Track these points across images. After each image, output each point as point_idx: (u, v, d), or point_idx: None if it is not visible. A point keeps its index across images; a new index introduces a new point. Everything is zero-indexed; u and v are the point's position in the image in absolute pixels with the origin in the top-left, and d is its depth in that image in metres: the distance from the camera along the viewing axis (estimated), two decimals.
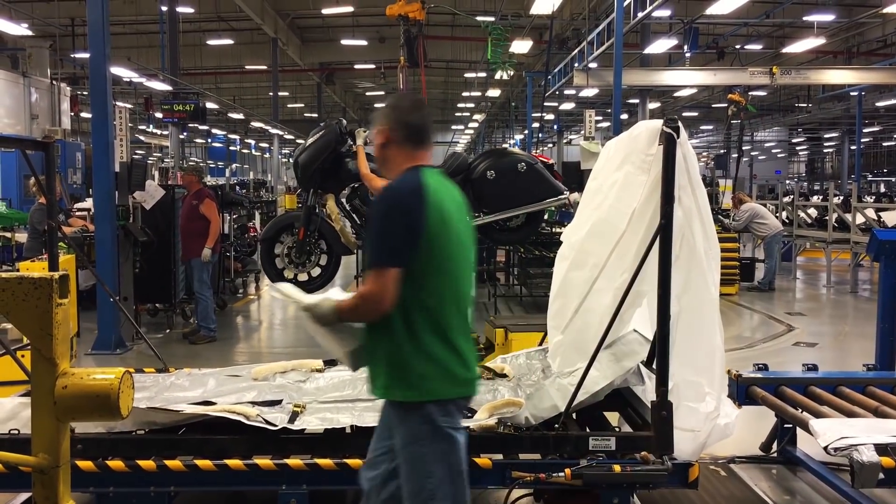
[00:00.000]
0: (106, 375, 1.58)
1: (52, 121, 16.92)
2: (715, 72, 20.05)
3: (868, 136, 44.80)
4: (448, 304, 2.71)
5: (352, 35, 26.77)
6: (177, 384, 4.46)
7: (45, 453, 1.55)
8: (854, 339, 9.39)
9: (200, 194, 8.86)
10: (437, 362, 2.67)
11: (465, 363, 2.75)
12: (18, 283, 1.52)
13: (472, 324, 2.93)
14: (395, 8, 8.34)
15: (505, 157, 6.73)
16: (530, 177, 6.50)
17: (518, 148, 27.52)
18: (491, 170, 6.39)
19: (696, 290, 3.64)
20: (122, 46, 23.71)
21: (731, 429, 3.80)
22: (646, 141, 3.71)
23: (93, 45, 8.44)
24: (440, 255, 2.67)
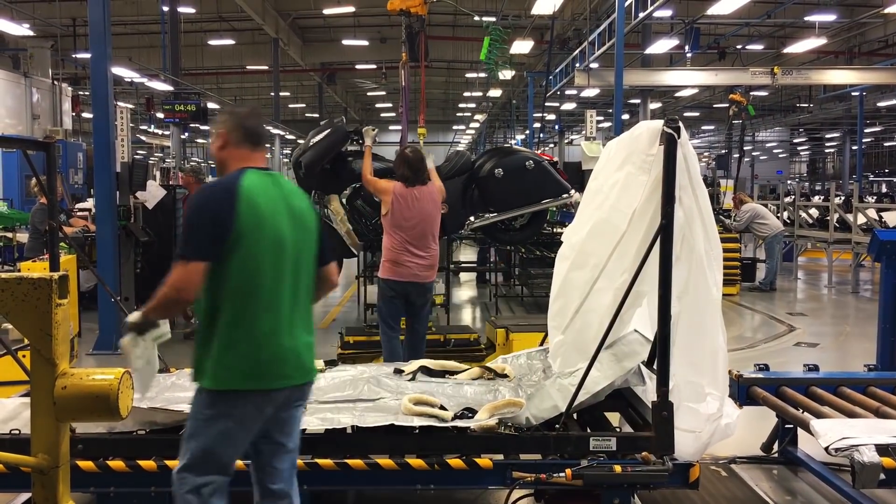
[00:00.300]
0: (105, 376, 1.58)
1: (53, 121, 16.92)
2: (716, 72, 20.04)
3: (869, 137, 44.74)
4: (255, 301, 2.77)
5: (353, 35, 26.77)
6: (178, 384, 4.46)
7: (44, 454, 1.55)
8: (855, 340, 9.38)
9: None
10: (236, 355, 2.76)
11: (272, 358, 2.83)
12: (18, 283, 1.52)
13: (304, 322, 3.02)
14: (397, 2, 8.18)
15: (512, 154, 6.63)
16: (538, 175, 6.46)
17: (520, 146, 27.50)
18: (499, 168, 6.31)
19: (697, 291, 3.64)
20: (124, 47, 23.74)
21: (732, 429, 3.79)
22: (647, 141, 3.71)
23: (94, 45, 8.44)
24: (249, 254, 2.73)
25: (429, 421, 3.64)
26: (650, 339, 3.96)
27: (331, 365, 4.79)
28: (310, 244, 2.96)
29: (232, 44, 27.31)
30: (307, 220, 2.97)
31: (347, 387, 4.33)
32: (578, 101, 28.87)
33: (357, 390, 4.24)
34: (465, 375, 4.53)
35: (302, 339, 2.96)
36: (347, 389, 4.29)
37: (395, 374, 4.55)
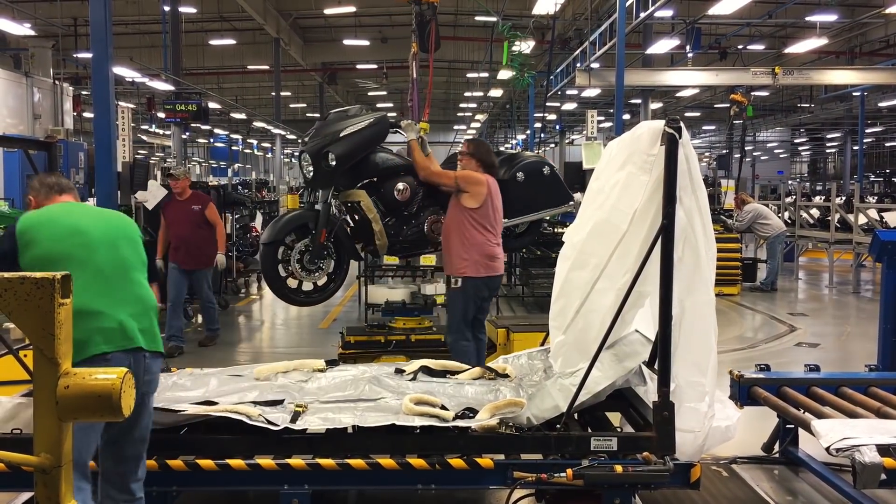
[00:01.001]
0: (108, 375, 1.58)
1: (54, 121, 16.92)
2: (717, 72, 20.03)
3: (870, 137, 44.72)
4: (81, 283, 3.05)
5: (354, 35, 26.80)
6: (179, 384, 4.46)
7: (47, 453, 1.56)
8: (856, 340, 9.39)
9: (201, 198, 8.54)
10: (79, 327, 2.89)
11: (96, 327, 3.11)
12: (21, 282, 1.53)
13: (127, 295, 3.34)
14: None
15: (528, 160, 6.55)
16: (552, 181, 6.40)
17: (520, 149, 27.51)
18: (521, 172, 6.22)
19: (699, 292, 3.65)
20: (125, 46, 23.77)
21: (733, 431, 3.80)
22: (648, 141, 3.71)
23: (95, 45, 8.45)
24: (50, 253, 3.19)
25: (430, 421, 3.65)
26: (651, 339, 3.96)
27: (332, 364, 4.80)
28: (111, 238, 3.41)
29: (233, 43, 27.33)
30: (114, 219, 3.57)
31: (349, 386, 4.33)
32: (579, 101, 28.88)
33: (358, 390, 4.24)
34: (466, 375, 4.54)
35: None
36: (349, 389, 4.29)
37: (396, 373, 4.55)
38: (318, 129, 5.44)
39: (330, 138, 5.30)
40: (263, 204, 19.48)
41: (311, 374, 4.60)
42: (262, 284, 13.95)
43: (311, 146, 5.33)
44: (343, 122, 5.41)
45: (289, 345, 9.52)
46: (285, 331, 10.50)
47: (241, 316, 11.44)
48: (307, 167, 5.39)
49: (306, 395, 4.20)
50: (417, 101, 7.45)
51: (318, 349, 8.44)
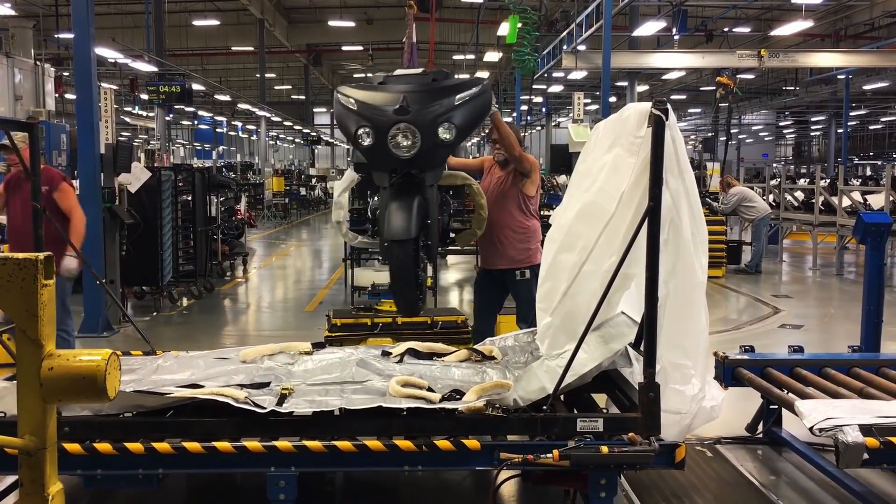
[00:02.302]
0: (92, 357, 1.57)
1: (36, 102, 16.73)
2: (703, 54, 20.07)
3: (855, 120, 45.01)
4: None
5: (339, 16, 26.62)
6: (164, 367, 4.45)
7: (31, 435, 1.55)
8: (839, 321, 9.47)
9: (52, 177, 5.98)
10: None
11: None
12: (3, 263, 1.51)
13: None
14: None
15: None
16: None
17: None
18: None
19: (684, 274, 3.65)
20: (107, 27, 23.50)
21: (718, 411, 3.82)
22: (635, 123, 3.70)
23: (77, 25, 8.35)
24: None
25: (417, 403, 3.65)
26: (637, 321, 3.97)
27: (318, 347, 4.79)
28: None
29: (217, 24, 27.10)
30: None
31: (335, 369, 4.33)
32: (566, 83, 28.83)
33: (345, 372, 4.24)
34: (452, 358, 4.54)
35: None
36: (335, 371, 4.28)
37: (382, 356, 4.55)
38: (410, 97, 4.32)
39: (446, 106, 4.33)
40: (248, 187, 19.40)
41: (297, 356, 4.60)
42: (248, 268, 13.90)
43: (421, 115, 4.28)
44: (448, 87, 4.48)
45: (275, 328, 9.50)
46: (271, 314, 10.48)
47: (227, 299, 11.40)
48: (406, 142, 4.29)
49: (293, 377, 4.20)
50: (415, 66, 6.40)
51: (304, 332, 8.42)
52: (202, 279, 11.12)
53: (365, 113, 4.32)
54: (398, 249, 4.38)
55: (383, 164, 4.46)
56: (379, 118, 4.29)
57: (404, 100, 4.27)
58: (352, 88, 4.52)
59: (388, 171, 4.47)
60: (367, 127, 4.29)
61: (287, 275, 14.34)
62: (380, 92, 4.43)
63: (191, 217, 10.83)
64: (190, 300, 10.54)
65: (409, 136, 4.25)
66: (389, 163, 4.40)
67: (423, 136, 4.25)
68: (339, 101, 4.49)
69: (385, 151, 4.29)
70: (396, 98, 4.31)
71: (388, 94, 4.39)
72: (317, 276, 14.23)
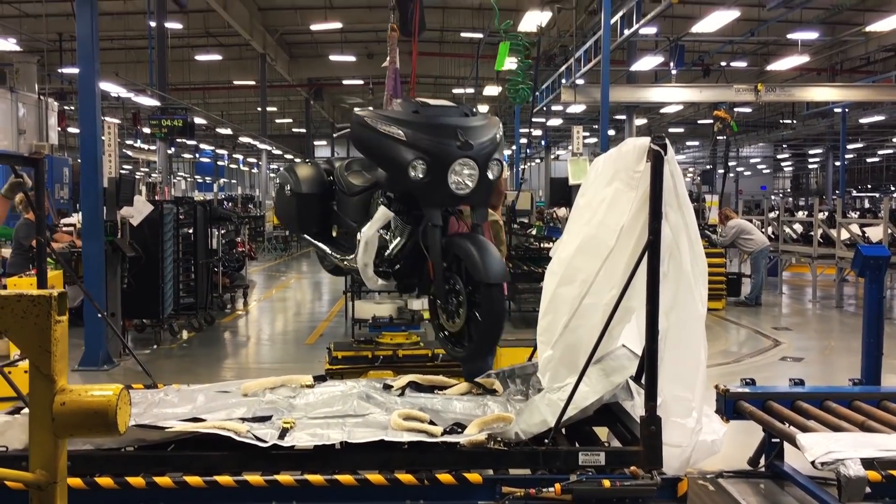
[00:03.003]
0: (104, 392, 1.59)
1: (39, 136, 16.84)
2: (701, 89, 20.28)
3: (852, 153, 45.25)
4: None
5: (340, 51, 26.89)
6: (165, 400, 4.45)
7: (42, 469, 1.56)
8: (840, 354, 9.46)
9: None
10: None
11: None
12: (17, 300, 1.54)
13: None
14: None
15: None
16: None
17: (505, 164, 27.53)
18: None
19: (684, 307, 3.68)
20: (111, 62, 23.75)
21: (719, 445, 3.82)
22: (634, 158, 3.75)
23: (82, 61, 8.45)
24: None
25: (418, 436, 3.65)
26: (638, 354, 3.99)
27: (319, 380, 4.79)
28: None
29: (219, 59, 27.37)
30: None
31: (337, 402, 4.33)
32: (565, 116, 29.07)
33: (346, 406, 4.24)
34: (454, 390, 4.54)
35: None
36: (337, 405, 4.28)
37: (384, 389, 4.55)
38: (462, 131, 4.14)
39: (494, 143, 4.22)
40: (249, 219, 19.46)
41: (298, 389, 4.60)
42: (249, 300, 13.91)
43: (480, 151, 4.15)
44: (488, 124, 4.33)
45: (276, 360, 9.49)
46: (272, 346, 10.46)
47: (228, 332, 11.39)
48: (467, 179, 4.13)
49: (294, 411, 4.20)
50: (399, 94, 6.11)
51: (305, 365, 8.41)
52: (203, 312, 11.13)
53: (421, 145, 4.10)
54: (498, 293, 4.12)
55: (436, 201, 4.21)
56: (441, 152, 4.10)
57: (462, 134, 4.12)
58: (388, 117, 4.27)
59: (440, 208, 4.24)
60: (426, 160, 4.08)
61: (287, 307, 14.34)
62: (430, 123, 4.20)
63: (192, 250, 10.87)
64: (190, 333, 10.54)
65: (470, 173, 4.14)
66: (444, 199, 4.21)
67: (480, 172, 4.15)
68: (377, 130, 4.22)
69: (443, 187, 4.10)
70: (452, 131, 4.14)
71: (440, 125, 4.18)
72: (317, 308, 14.23)
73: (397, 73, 6.13)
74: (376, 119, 4.26)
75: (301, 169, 5.42)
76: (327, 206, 5.26)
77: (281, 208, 5.57)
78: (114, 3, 21.17)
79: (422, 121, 4.19)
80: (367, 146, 4.36)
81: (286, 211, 5.44)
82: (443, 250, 4.23)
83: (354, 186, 4.96)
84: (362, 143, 4.38)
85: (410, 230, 4.47)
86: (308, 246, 5.95)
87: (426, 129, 4.15)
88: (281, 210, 5.59)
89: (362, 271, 4.63)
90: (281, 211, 5.60)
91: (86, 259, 8.46)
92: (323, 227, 5.35)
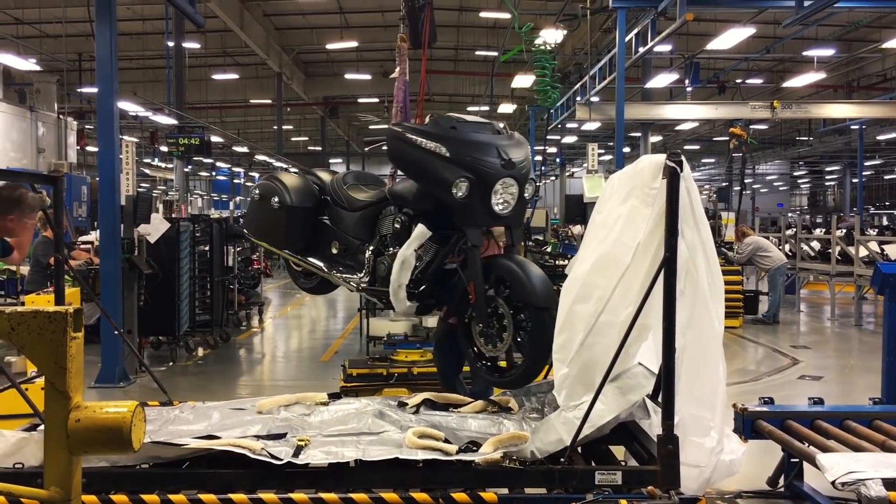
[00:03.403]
0: (119, 409, 1.59)
1: (58, 154, 17.06)
2: (716, 106, 20.24)
3: (869, 170, 44.96)
4: None
5: (356, 69, 27.09)
6: (181, 417, 4.45)
7: (57, 487, 1.56)
8: (859, 373, 9.35)
9: None
10: None
11: None
12: (34, 317, 1.54)
13: None
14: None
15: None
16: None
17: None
18: None
19: (701, 325, 3.65)
20: (129, 81, 24.03)
21: (737, 466, 3.78)
22: (649, 175, 3.74)
23: (101, 80, 8.54)
24: None
25: (433, 454, 3.63)
26: (655, 372, 3.96)
27: (334, 398, 4.78)
28: None
29: (236, 78, 27.63)
30: None
31: (351, 420, 4.31)
32: (580, 134, 29.09)
33: (361, 423, 4.22)
34: (469, 408, 4.52)
35: None
36: (351, 422, 4.27)
37: (398, 407, 4.53)
38: (500, 148, 4.05)
39: (530, 162, 4.15)
40: None
41: (313, 407, 4.59)
42: (264, 317, 13.94)
43: (522, 170, 4.07)
44: (522, 142, 4.25)
45: (290, 378, 9.49)
46: (287, 364, 10.47)
47: (243, 349, 11.42)
48: (509, 198, 4.06)
49: (309, 428, 4.19)
50: (407, 107, 5.99)
51: (319, 382, 8.41)
52: (218, 329, 11.16)
53: (466, 163, 3.97)
54: (549, 317, 4.03)
55: (478, 220, 4.10)
56: (487, 170, 3.99)
57: (503, 152, 4.03)
58: (427, 132, 4.13)
59: (480, 227, 4.14)
60: (470, 179, 3.95)
61: (302, 324, 14.36)
62: (471, 140, 4.08)
63: (208, 267, 10.91)
64: (206, 350, 10.56)
65: (513, 192, 4.05)
66: (485, 219, 4.11)
67: (520, 191, 4.07)
68: (418, 146, 4.08)
69: (486, 206, 4.00)
70: (494, 149, 4.04)
71: (482, 143, 4.06)
72: (332, 325, 14.24)
73: (407, 86, 5.98)
74: (416, 134, 4.12)
75: (289, 179, 5.08)
76: (317, 220, 5.03)
77: (261, 221, 5.17)
78: (132, 23, 21.46)
79: (462, 137, 4.07)
80: (407, 162, 4.24)
81: (270, 224, 5.05)
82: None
83: (358, 202, 4.79)
84: (401, 158, 4.25)
85: (436, 249, 4.34)
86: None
87: (468, 146, 4.03)
88: (261, 223, 5.18)
89: (394, 293, 4.36)
90: (261, 224, 5.19)
91: (103, 276, 8.52)
92: (311, 244, 5.04)
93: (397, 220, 4.45)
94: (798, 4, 11.65)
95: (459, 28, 24.18)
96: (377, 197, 4.74)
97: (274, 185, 5.00)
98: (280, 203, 4.90)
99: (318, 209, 5.01)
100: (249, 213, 5.44)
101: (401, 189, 4.48)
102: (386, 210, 4.61)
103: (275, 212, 4.93)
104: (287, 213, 4.90)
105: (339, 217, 4.87)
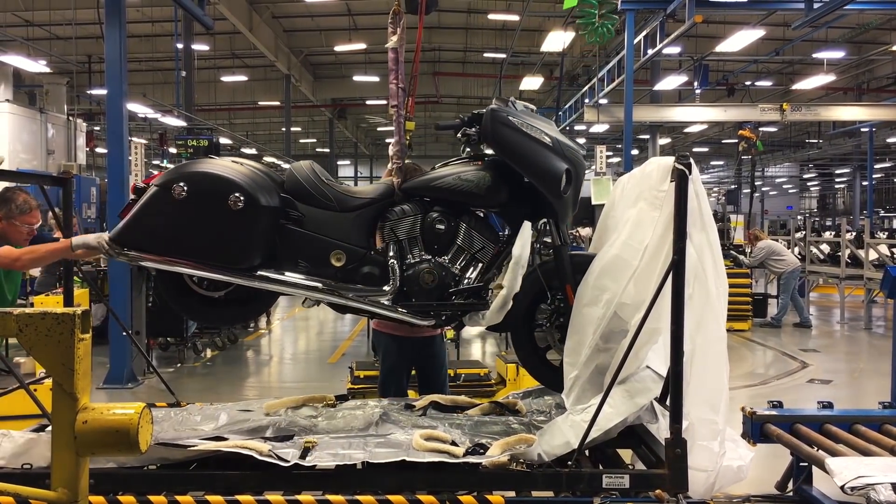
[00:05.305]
0: (126, 410, 1.60)
1: (67, 156, 17.13)
2: (725, 108, 20.20)
3: (879, 172, 44.77)
4: None
5: (364, 71, 27.12)
6: (188, 419, 4.45)
7: (64, 488, 1.56)
8: (869, 377, 9.31)
9: None
10: None
11: None
12: (42, 318, 1.55)
13: None
14: None
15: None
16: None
17: None
18: None
19: (709, 328, 3.64)
20: (138, 83, 24.13)
21: (745, 472, 3.76)
22: (658, 177, 3.72)
23: (110, 83, 8.58)
24: None
25: (440, 457, 3.62)
26: (663, 375, 3.94)
27: (341, 399, 4.78)
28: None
29: (244, 80, 27.71)
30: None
31: (358, 421, 4.31)
32: (588, 136, 29.05)
33: (368, 425, 4.22)
34: (475, 410, 4.51)
35: None
36: (358, 424, 4.27)
37: (405, 408, 4.53)
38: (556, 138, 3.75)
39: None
40: None
41: (320, 408, 4.59)
42: (272, 319, 13.96)
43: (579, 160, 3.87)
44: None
45: (298, 379, 9.50)
46: (294, 365, 10.48)
47: (250, 350, 11.43)
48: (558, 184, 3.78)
49: (316, 430, 4.19)
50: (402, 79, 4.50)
51: (327, 384, 8.42)
52: (226, 330, 11.18)
53: (568, 153, 3.75)
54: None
55: (568, 215, 3.90)
56: (581, 162, 3.83)
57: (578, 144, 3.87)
58: (527, 116, 3.79)
59: (567, 221, 3.92)
60: (571, 171, 3.77)
61: (310, 326, 14.38)
62: (555, 129, 3.79)
63: None
64: (214, 351, 10.59)
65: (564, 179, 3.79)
66: (572, 213, 3.90)
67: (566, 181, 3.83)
68: (524, 132, 3.73)
69: (575, 200, 3.82)
70: (572, 140, 3.84)
71: (561, 133, 3.82)
72: (339, 327, 14.25)
73: (400, 57, 4.74)
74: (518, 117, 3.76)
75: (246, 171, 3.85)
76: (277, 225, 3.87)
77: (193, 228, 3.76)
78: (142, 25, 21.53)
79: (550, 126, 3.81)
80: (513, 148, 3.76)
81: (219, 232, 3.74)
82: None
83: (354, 199, 3.97)
84: (507, 143, 3.78)
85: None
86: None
87: (558, 135, 3.77)
88: (193, 230, 3.77)
89: (503, 303, 3.83)
90: (195, 232, 3.77)
91: (112, 278, 8.55)
92: (268, 257, 3.89)
93: (438, 221, 3.93)
94: (808, 6, 11.62)
95: (468, 30, 24.20)
96: (380, 193, 4.02)
97: (229, 179, 3.73)
98: (247, 203, 3.68)
99: (281, 211, 3.89)
100: (161, 217, 3.80)
101: (453, 182, 3.93)
102: (394, 210, 4.00)
103: (233, 214, 3.69)
104: (252, 214, 3.71)
105: (320, 220, 3.91)
